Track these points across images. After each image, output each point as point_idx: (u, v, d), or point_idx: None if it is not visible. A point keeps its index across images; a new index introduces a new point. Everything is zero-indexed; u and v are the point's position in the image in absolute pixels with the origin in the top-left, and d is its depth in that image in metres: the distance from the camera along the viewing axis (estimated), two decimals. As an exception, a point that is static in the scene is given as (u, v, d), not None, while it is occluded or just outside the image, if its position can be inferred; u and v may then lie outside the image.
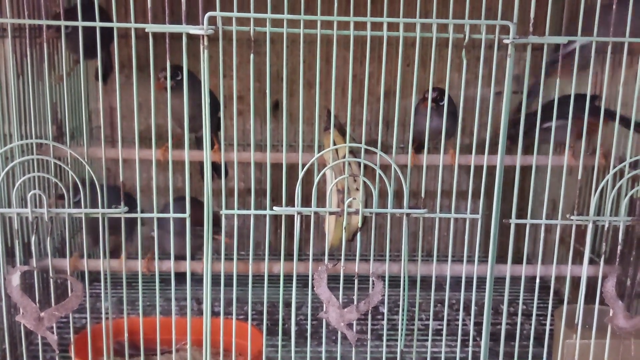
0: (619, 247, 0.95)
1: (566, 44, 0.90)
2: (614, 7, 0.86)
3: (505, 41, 0.86)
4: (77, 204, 0.91)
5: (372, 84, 1.47)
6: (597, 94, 1.05)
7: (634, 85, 0.91)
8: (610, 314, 0.95)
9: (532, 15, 0.84)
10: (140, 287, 0.94)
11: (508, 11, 0.84)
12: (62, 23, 0.85)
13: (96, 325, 1.08)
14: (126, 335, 0.95)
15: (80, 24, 0.84)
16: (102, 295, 0.94)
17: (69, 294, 0.91)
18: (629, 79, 0.94)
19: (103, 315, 0.94)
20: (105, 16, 0.91)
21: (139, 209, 1.00)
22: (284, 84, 0.87)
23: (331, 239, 1.21)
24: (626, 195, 0.92)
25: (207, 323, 0.94)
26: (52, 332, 0.93)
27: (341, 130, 1.24)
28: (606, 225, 0.93)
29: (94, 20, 0.83)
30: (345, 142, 0.95)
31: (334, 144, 1.12)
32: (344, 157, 0.97)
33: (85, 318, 0.98)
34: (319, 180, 0.89)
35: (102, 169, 0.90)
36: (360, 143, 0.90)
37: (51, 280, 0.92)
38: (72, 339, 0.99)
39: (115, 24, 0.84)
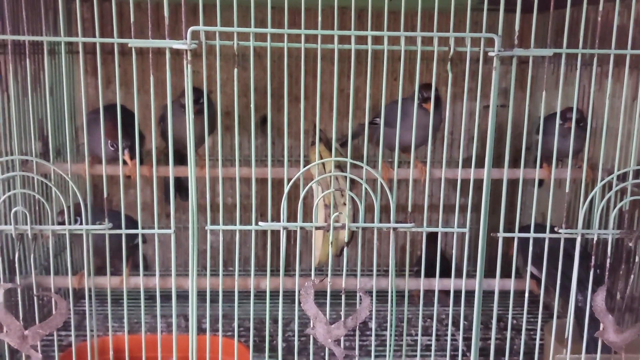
0: (608, 260, 0.94)
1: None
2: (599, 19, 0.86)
3: (491, 54, 0.85)
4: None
5: (359, 98, 1.47)
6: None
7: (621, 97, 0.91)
8: (601, 328, 0.94)
9: (516, 27, 0.85)
10: (125, 304, 0.93)
11: (495, 25, 0.84)
12: (46, 38, 0.85)
13: (82, 343, 1.06)
14: (111, 353, 0.93)
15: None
16: (87, 312, 0.93)
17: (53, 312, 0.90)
18: (616, 91, 0.94)
19: (88, 333, 0.93)
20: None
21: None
22: (268, 99, 0.86)
23: (319, 254, 1.20)
24: (614, 207, 0.91)
25: (192, 339, 0.92)
26: (37, 350, 0.91)
27: (328, 144, 1.23)
28: (595, 238, 0.93)
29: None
30: (331, 157, 0.94)
31: (321, 158, 1.11)
32: (331, 171, 0.96)
33: (72, 336, 0.96)
34: (305, 195, 0.88)
35: (92, 186, 0.89)
36: (347, 158, 0.89)
37: (35, 298, 0.91)
38: (56, 357, 0.98)
39: (97, 39, 0.84)
